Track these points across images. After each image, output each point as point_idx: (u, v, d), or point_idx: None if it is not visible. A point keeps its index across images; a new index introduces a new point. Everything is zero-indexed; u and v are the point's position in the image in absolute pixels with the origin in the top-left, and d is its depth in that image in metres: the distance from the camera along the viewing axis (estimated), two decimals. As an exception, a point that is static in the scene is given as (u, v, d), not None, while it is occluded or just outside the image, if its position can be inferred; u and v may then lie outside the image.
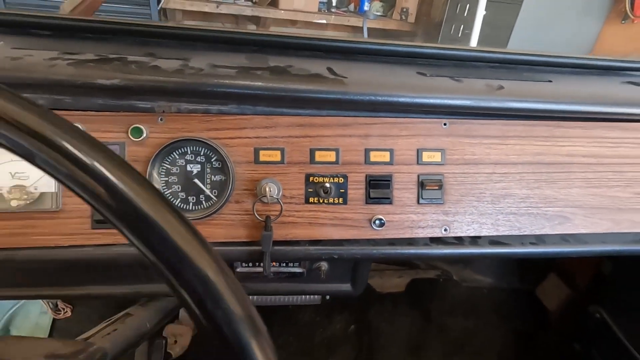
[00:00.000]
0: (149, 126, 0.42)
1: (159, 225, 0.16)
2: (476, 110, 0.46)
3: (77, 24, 0.43)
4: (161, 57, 0.42)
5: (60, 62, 0.38)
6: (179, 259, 0.16)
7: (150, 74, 0.39)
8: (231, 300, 0.17)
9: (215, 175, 0.44)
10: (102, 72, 0.38)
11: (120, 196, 0.16)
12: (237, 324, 0.17)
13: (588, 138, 0.50)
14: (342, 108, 0.45)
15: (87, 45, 0.42)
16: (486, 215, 0.48)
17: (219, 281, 0.16)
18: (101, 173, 0.16)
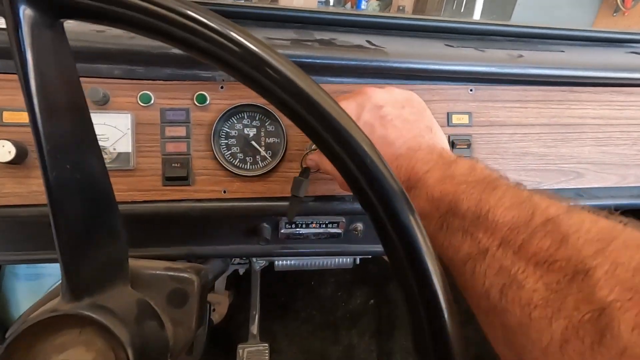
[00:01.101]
0: (211, 93, 0.47)
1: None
2: (499, 76, 0.51)
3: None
4: (221, 31, 0.47)
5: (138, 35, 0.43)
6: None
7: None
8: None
9: (270, 137, 0.49)
10: (175, 43, 0.43)
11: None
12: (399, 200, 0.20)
13: (597, 102, 0.56)
14: (381, 76, 0.50)
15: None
16: (510, 171, 0.53)
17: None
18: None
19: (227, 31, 0.19)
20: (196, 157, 0.47)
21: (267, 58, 0.19)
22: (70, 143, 0.22)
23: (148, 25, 0.19)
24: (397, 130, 0.36)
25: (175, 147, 0.46)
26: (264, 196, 0.49)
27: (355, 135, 0.20)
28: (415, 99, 0.40)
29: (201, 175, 0.47)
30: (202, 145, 0.47)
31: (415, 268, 0.20)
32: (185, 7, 0.19)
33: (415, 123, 0.37)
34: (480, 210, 0.26)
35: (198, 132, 0.47)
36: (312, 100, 0.20)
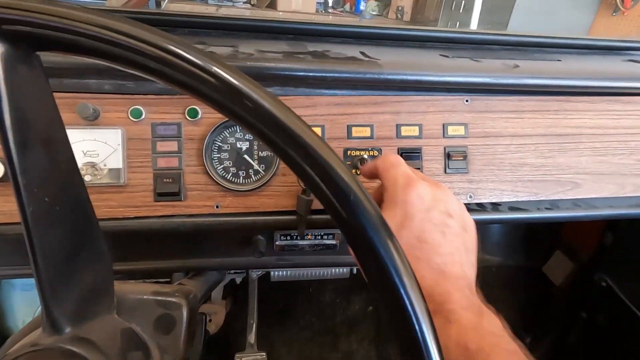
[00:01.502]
0: (202, 107, 0.47)
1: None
2: (495, 87, 0.51)
3: (137, 17, 0.47)
4: (213, 44, 0.47)
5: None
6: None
7: (208, 59, 0.43)
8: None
9: (263, 151, 0.48)
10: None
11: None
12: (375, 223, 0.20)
13: (594, 111, 0.55)
14: (376, 87, 0.50)
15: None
16: (506, 183, 0.53)
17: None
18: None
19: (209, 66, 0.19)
20: (188, 172, 0.47)
21: (253, 95, 0.19)
22: (49, 175, 0.21)
23: (123, 58, 0.19)
24: (452, 247, 0.35)
25: (166, 162, 0.46)
26: (258, 211, 0.48)
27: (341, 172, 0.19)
28: (474, 231, 0.39)
29: (193, 191, 0.47)
30: (193, 159, 0.47)
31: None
32: (161, 38, 0.18)
33: (467, 253, 0.37)
34: None
35: (190, 146, 0.47)
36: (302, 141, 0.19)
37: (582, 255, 1.01)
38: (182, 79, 0.19)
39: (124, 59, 0.19)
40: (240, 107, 0.19)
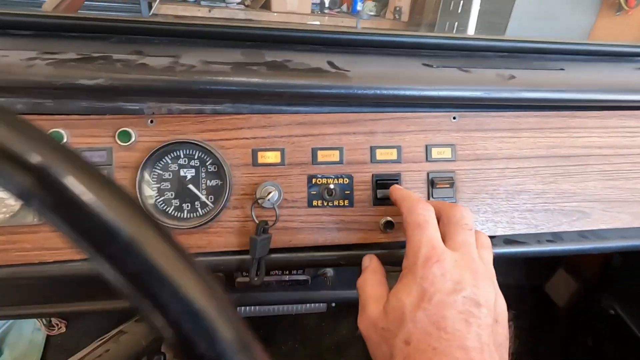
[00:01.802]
0: (138, 129, 0.39)
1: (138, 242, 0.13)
2: (487, 101, 0.43)
3: (58, 22, 0.40)
4: (150, 54, 0.39)
5: (38, 62, 0.35)
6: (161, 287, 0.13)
7: (136, 73, 0.36)
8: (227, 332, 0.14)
9: (211, 179, 0.41)
10: (84, 72, 0.35)
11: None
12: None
13: (604, 128, 0.47)
14: (345, 104, 0.42)
15: (70, 44, 0.39)
16: (501, 213, 0.45)
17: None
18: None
19: None
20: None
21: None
22: None
23: None
24: (479, 341, 0.28)
25: None
26: (205, 251, 0.41)
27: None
28: (506, 322, 0.33)
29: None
30: (127, 191, 0.39)
31: None
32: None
33: (499, 349, 0.30)
34: None
35: (122, 176, 0.39)
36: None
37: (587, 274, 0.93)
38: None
39: None
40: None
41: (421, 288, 0.30)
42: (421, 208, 0.34)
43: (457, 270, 0.31)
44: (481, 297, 0.30)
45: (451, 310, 0.29)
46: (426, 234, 0.33)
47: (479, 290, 0.30)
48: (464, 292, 0.30)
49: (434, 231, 0.33)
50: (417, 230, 0.33)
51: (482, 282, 0.31)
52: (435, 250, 0.32)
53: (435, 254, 0.31)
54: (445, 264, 0.31)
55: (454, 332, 0.28)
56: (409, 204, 0.36)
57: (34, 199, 0.12)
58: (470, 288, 0.30)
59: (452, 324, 0.28)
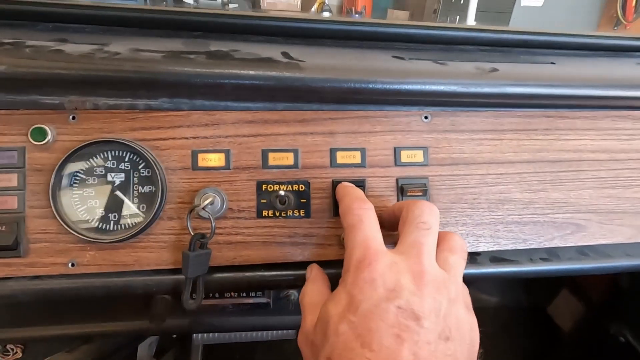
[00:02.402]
0: (56, 126, 0.34)
1: None
2: (464, 97, 0.38)
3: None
4: (73, 42, 0.34)
5: None
6: None
7: (46, 59, 0.31)
8: None
9: (144, 185, 0.35)
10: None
11: None
12: None
13: (597, 130, 0.42)
14: (301, 99, 0.37)
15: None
16: (483, 226, 0.39)
17: None
18: None
19: None
20: (32, 215, 0.33)
21: None
22: None
23: None
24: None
25: (0, 203, 0.33)
26: (132, 269, 0.35)
27: None
28: (471, 338, 0.26)
29: (39, 242, 0.33)
30: (42, 199, 0.33)
31: None
32: None
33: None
34: None
35: (36, 180, 0.34)
36: None
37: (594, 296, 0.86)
38: None
39: None
40: None
41: (349, 296, 0.25)
42: (357, 207, 0.30)
43: (393, 274, 0.25)
44: (423, 307, 0.24)
45: (379, 323, 0.23)
46: (360, 234, 0.28)
47: (421, 299, 0.24)
48: (399, 300, 0.24)
49: (369, 230, 0.28)
50: (351, 232, 0.28)
51: (428, 288, 0.25)
52: (368, 251, 0.26)
53: (368, 255, 0.26)
54: (378, 265, 0.25)
55: (380, 348, 0.22)
56: (346, 203, 0.31)
57: None
58: (408, 296, 0.24)
59: (379, 339, 0.23)
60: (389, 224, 0.33)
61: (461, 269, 0.29)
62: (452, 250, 0.29)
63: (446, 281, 0.26)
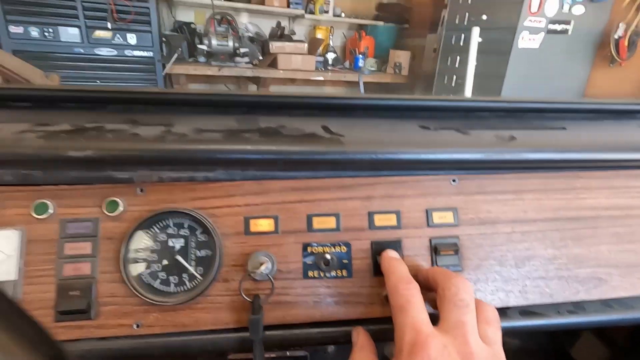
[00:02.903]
0: (126, 198, 0.38)
1: None
2: (488, 164, 0.42)
3: (53, 94, 0.40)
4: (143, 123, 0.39)
5: (29, 135, 0.35)
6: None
7: (126, 143, 0.35)
8: None
9: (201, 250, 0.39)
10: (74, 144, 0.35)
11: None
12: None
13: (611, 188, 0.45)
14: (341, 168, 0.41)
15: (65, 116, 0.39)
16: (511, 282, 0.42)
17: None
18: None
19: None
20: (103, 280, 0.37)
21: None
22: None
23: None
24: None
25: (75, 270, 0.36)
26: (190, 330, 0.37)
27: None
28: None
29: (108, 305, 0.37)
30: (112, 265, 0.37)
31: None
32: None
33: None
34: None
35: (107, 247, 0.37)
36: None
37: (618, 338, 0.86)
38: None
39: None
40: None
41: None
42: (403, 288, 0.32)
43: (445, 358, 0.27)
44: None
45: None
46: (410, 317, 0.30)
47: None
48: None
49: (417, 312, 0.31)
50: (399, 313, 0.31)
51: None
52: (420, 336, 0.29)
53: (420, 340, 0.28)
54: (431, 351, 0.28)
55: None
56: (392, 282, 0.34)
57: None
58: None
59: None
60: (423, 286, 0.36)
61: (500, 340, 0.32)
62: (489, 322, 0.32)
63: (494, 357, 0.29)
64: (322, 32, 3.94)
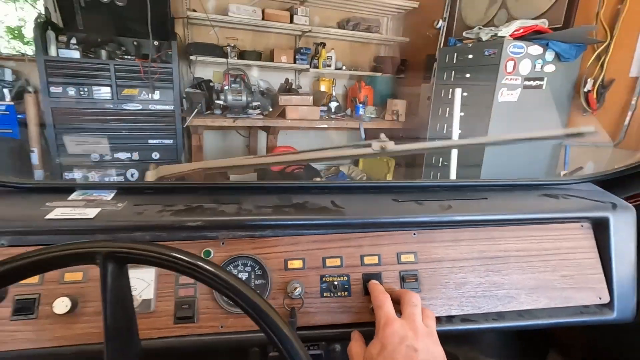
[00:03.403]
0: (214, 248, 0.64)
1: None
2: (435, 224, 0.67)
3: (171, 186, 0.67)
4: (223, 202, 0.65)
5: (165, 213, 0.61)
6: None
7: (219, 216, 0.61)
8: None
9: (258, 279, 0.64)
10: (190, 218, 0.61)
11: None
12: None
13: (518, 237, 0.70)
14: (343, 228, 0.67)
15: (177, 199, 0.66)
16: (453, 299, 0.66)
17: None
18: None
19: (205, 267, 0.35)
20: (201, 299, 0.61)
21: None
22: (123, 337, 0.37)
23: (167, 266, 0.36)
24: None
25: (185, 292, 0.61)
26: (253, 329, 0.61)
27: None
28: (441, 356, 0.51)
29: (204, 314, 0.61)
30: (206, 289, 0.62)
31: None
32: (184, 256, 0.36)
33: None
34: None
35: (203, 279, 0.62)
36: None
37: (575, 354, 1.05)
38: (199, 276, 0.35)
39: (168, 267, 0.36)
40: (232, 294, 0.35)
41: (381, 343, 0.51)
42: (381, 298, 0.57)
43: (403, 330, 0.51)
44: (419, 345, 0.50)
45: (399, 354, 0.49)
46: (384, 310, 0.55)
47: (418, 341, 0.50)
48: (407, 342, 0.50)
49: (388, 309, 0.55)
50: (378, 310, 0.56)
51: (421, 336, 0.51)
52: (389, 319, 0.53)
53: (389, 321, 0.53)
54: (395, 326, 0.52)
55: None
56: (374, 294, 0.59)
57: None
58: (411, 340, 0.50)
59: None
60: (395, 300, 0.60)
61: (434, 327, 0.55)
62: (428, 317, 0.56)
63: (428, 332, 0.53)
64: (326, 83, 4.36)
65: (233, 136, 4.31)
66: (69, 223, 0.58)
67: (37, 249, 0.35)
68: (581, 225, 0.72)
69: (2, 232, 0.58)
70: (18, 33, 4.98)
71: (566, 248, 0.71)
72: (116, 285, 0.36)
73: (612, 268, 0.70)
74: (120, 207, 0.63)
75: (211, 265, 0.37)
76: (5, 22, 4.78)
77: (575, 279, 0.70)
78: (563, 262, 0.70)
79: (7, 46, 4.48)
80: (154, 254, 0.35)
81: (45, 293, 0.57)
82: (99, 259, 0.34)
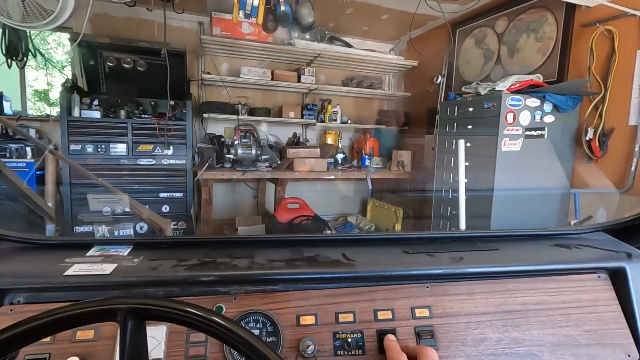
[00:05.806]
0: (226, 304, 0.63)
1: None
2: (447, 276, 0.67)
3: (185, 240, 0.69)
4: (236, 256, 0.66)
5: (179, 268, 0.62)
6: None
7: (232, 270, 0.62)
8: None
9: (270, 336, 0.62)
10: (203, 272, 0.61)
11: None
12: None
13: (534, 290, 0.69)
14: (355, 282, 0.66)
15: (191, 253, 0.67)
16: (472, 357, 0.63)
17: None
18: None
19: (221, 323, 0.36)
20: (211, 358, 0.60)
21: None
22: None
23: (187, 323, 0.36)
24: None
25: (195, 351, 0.60)
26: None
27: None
28: None
29: (214, 374, 0.59)
30: (217, 347, 0.60)
31: None
32: (197, 311, 0.36)
33: None
34: None
35: (214, 340, 0.61)
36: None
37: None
38: (217, 332, 0.36)
39: (185, 323, 0.36)
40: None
41: None
42: (396, 357, 0.55)
43: None
44: None
45: None
46: None
47: None
48: None
49: None
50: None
51: None
52: None
53: None
54: None
55: None
56: (390, 352, 0.57)
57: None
58: None
59: None
60: (411, 357, 0.58)
61: None
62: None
63: None
64: (332, 136, 4.50)
65: (242, 188, 4.39)
66: (85, 279, 0.59)
67: (60, 307, 0.36)
68: (598, 277, 0.71)
69: (20, 289, 0.59)
70: (44, 96, 5.35)
71: (586, 300, 0.69)
72: (134, 342, 0.36)
73: (637, 322, 0.68)
74: (137, 262, 0.64)
75: (235, 326, 0.38)
76: (34, 86, 5.16)
77: (600, 334, 0.67)
78: (585, 316, 0.68)
79: (33, 107, 4.79)
80: (177, 311, 0.36)
81: (55, 352, 0.56)
82: (120, 316, 0.35)
